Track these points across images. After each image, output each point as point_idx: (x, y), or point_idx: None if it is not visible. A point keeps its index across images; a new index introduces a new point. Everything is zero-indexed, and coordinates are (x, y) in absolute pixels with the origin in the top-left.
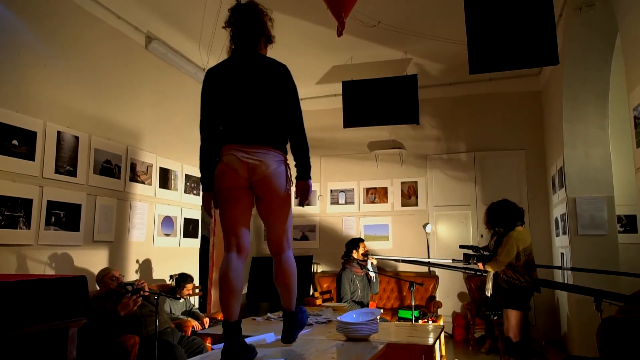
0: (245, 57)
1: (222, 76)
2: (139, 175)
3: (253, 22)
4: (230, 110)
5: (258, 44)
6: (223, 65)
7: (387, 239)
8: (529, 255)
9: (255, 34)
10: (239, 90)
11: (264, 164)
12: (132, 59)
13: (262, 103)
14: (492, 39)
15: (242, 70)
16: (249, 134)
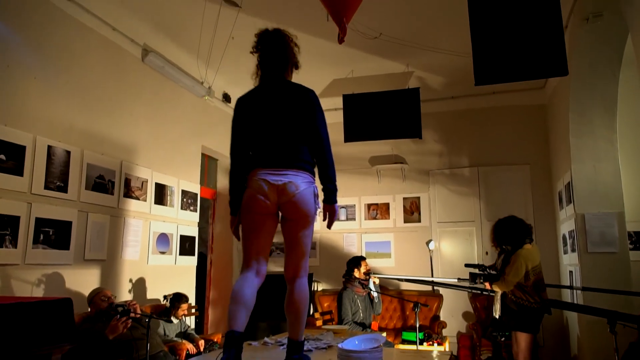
0: (273, 84)
1: (251, 104)
2: (134, 191)
3: (281, 50)
4: (260, 136)
5: (286, 70)
6: (252, 93)
7: (389, 257)
8: (538, 274)
9: (283, 61)
10: (267, 116)
11: (293, 185)
12: (127, 72)
13: (290, 128)
14: (498, 50)
15: (271, 97)
16: (278, 158)
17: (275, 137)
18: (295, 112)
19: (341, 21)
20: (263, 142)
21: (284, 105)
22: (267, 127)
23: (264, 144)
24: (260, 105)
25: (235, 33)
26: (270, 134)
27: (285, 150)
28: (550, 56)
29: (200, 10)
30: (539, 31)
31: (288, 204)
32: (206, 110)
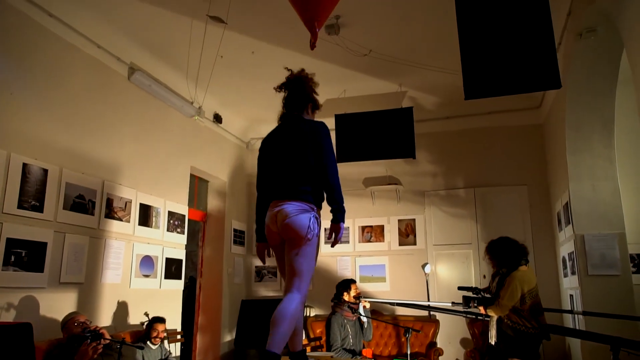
0: (289, 122)
1: (269, 143)
2: (116, 211)
3: (298, 92)
4: (271, 172)
5: (302, 110)
6: (272, 132)
7: (384, 281)
8: (535, 297)
9: (300, 101)
10: (277, 154)
11: (284, 211)
12: (113, 90)
13: (294, 162)
14: (488, 63)
15: (283, 136)
16: (279, 191)
17: (280, 172)
18: (301, 145)
19: (313, 26)
20: (273, 178)
21: (292, 141)
22: (276, 164)
23: (272, 178)
24: (275, 144)
25: (223, 51)
26: (277, 170)
27: (285, 183)
28: (542, 69)
29: (187, 28)
30: (530, 43)
31: (282, 228)
32: (196, 131)
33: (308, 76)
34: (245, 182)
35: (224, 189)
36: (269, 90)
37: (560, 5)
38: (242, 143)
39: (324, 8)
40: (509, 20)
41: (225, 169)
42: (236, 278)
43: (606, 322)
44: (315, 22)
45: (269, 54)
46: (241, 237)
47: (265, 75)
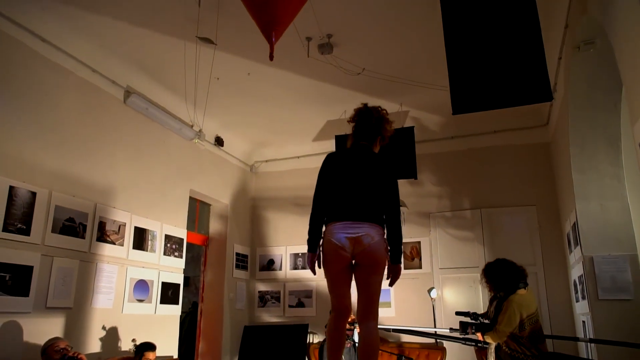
0: (362, 151)
1: (339, 162)
2: (109, 234)
3: (375, 126)
4: (343, 192)
5: (374, 142)
6: (342, 153)
7: (389, 306)
8: (535, 323)
9: (374, 135)
10: (352, 177)
11: (368, 236)
12: (108, 113)
13: (370, 190)
14: (477, 76)
15: (358, 161)
16: (357, 213)
17: (357, 195)
18: (375, 178)
19: (270, 36)
20: (346, 198)
21: (368, 171)
22: (351, 186)
23: (346, 199)
24: (348, 166)
25: (219, 73)
26: (353, 193)
27: (363, 207)
28: (533, 81)
29: (180, 50)
30: (520, 55)
31: (362, 253)
32: (196, 154)
33: (381, 110)
34: (249, 205)
35: (226, 213)
36: (269, 113)
37: (559, 18)
38: (245, 166)
39: (281, 17)
40: (498, 33)
41: (227, 192)
42: (238, 303)
43: (620, 350)
44: (272, 30)
45: (265, 74)
46: (244, 261)
47: (263, 97)
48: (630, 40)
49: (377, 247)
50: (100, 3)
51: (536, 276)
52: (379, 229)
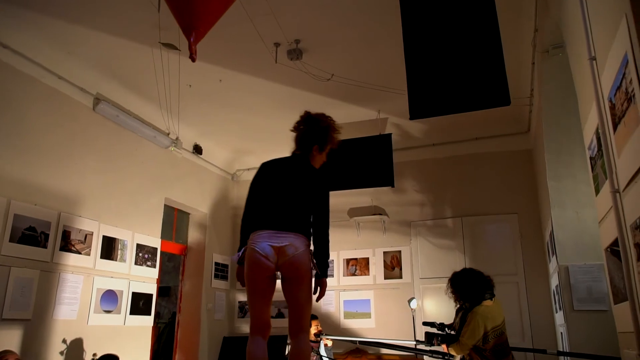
0: (298, 160)
1: (272, 170)
2: (74, 244)
3: (319, 134)
4: (271, 201)
5: (319, 150)
6: (277, 161)
7: (369, 317)
8: (499, 336)
9: (317, 142)
10: (282, 186)
11: (292, 246)
12: (75, 121)
13: (298, 200)
14: (435, 81)
15: (290, 171)
16: (283, 222)
17: (285, 204)
18: (307, 189)
19: (189, 35)
20: (273, 206)
21: (300, 181)
22: (280, 195)
23: (273, 208)
24: (280, 175)
25: (191, 80)
26: (282, 202)
27: (290, 216)
28: (491, 85)
29: (148, 57)
30: (478, 60)
31: (287, 264)
32: (172, 162)
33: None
34: (230, 214)
35: (205, 222)
36: (248, 121)
37: (530, 21)
38: (226, 174)
39: (203, 17)
40: (457, 38)
41: (206, 201)
42: (217, 314)
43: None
44: (193, 30)
45: (237, 81)
46: (223, 271)
47: (239, 104)
48: (576, 43)
49: (301, 258)
50: (65, 10)
51: (517, 286)
52: (305, 239)
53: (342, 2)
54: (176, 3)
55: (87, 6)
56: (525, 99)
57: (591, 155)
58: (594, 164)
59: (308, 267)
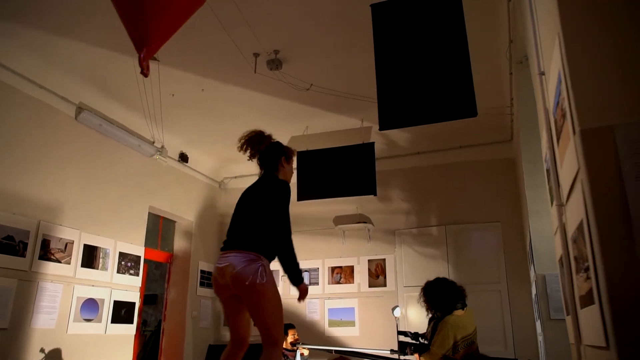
0: (259, 180)
1: (243, 195)
2: (54, 253)
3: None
4: (231, 223)
5: (276, 166)
6: (250, 186)
7: (353, 325)
8: (469, 346)
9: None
10: (239, 207)
11: (231, 265)
12: (57, 130)
13: (248, 218)
14: (404, 93)
15: (249, 192)
16: (229, 242)
17: (235, 225)
18: (261, 201)
19: (141, 52)
20: (229, 228)
21: (254, 199)
22: (235, 216)
23: (229, 230)
24: (242, 197)
25: (174, 90)
26: (234, 222)
27: (236, 235)
28: (458, 97)
29: (131, 66)
30: (447, 72)
31: (231, 283)
32: (157, 170)
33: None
34: (216, 221)
35: (191, 230)
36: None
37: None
38: (213, 182)
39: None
40: (427, 50)
41: (192, 209)
42: (203, 322)
43: None
44: (144, 46)
45: (220, 91)
46: (209, 278)
47: (223, 114)
48: (532, 57)
49: (241, 275)
50: (47, 21)
51: (500, 294)
52: (247, 255)
53: (320, 12)
54: (128, 18)
55: (69, 17)
56: (506, 107)
57: (547, 168)
58: (549, 176)
59: (250, 281)
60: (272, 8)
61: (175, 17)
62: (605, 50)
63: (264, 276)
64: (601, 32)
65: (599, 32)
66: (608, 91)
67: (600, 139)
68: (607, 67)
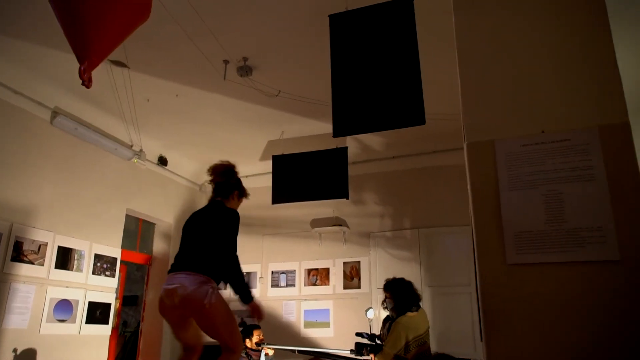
0: (211, 206)
1: (192, 218)
2: (27, 254)
3: (230, 181)
4: (180, 245)
5: (226, 198)
6: (197, 211)
7: (327, 326)
8: (421, 345)
9: (229, 190)
10: (189, 231)
11: (182, 287)
12: (32, 134)
13: (199, 241)
14: (357, 100)
15: (200, 216)
16: (179, 264)
17: (185, 247)
18: (210, 229)
19: (82, 65)
20: (179, 250)
21: (205, 223)
22: (185, 239)
23: (178, 252)
24: (192, 221)
25: (149, 95)
26: (184, 245)
27: (186, 257)
28: (408, 105)
29: (105, 72)
30: (398, 81)
31: (180, 304)
32: (135, 173)
33: (235, 168)
34: None
35: (170, 232)
36: (212, 134)
37: None
38: (194, 185)
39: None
40: (380, 59)
41: (171, 212)
42: None
43: None
44: (85, 60)
45: (195, 96)
46: None
47: (199, 118)
48: None
49: (192, 296)
50: (18, 26)
51: (470, 297)
52: (197, 277)
53: (286, 19)
54: (69, 30)
55: (41, 23)
56: None
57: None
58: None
59: (200, 302)
60: (236, 17)
61: (117, 30)
62: (492, 72)
63: (213, 297)
64: (488, 60)
65: (486, 60)
66: (492, 109)
67: (482, 152)
68: (491, 90)
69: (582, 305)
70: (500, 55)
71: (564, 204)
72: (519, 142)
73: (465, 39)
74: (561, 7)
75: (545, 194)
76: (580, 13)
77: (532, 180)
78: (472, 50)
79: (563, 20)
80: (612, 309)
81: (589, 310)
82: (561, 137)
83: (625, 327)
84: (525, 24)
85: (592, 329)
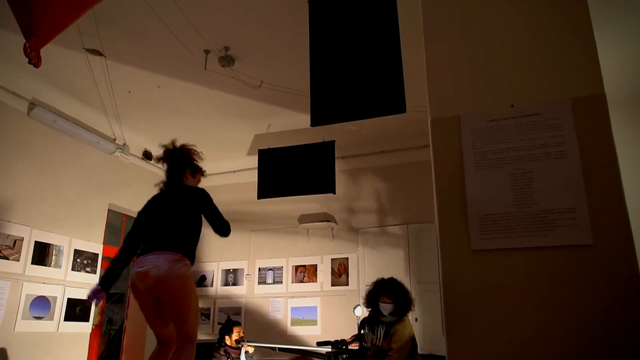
0: (171, 189)
1: (151, 203)
2: (1, 249)
3: (179, 162)
4: (147, 229)
5: (181, 177)
6: (157, 194)
7: (315, 324)
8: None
9: (179, 171)
10: (156, 213)
11: (155, 267)
12: (7, 127)
13: (169, 219)
14: (336, 89)
15: (164, 199)
16: (150, 245)
17: (155, 228)
18: (181, 206)
19: (29, 39)
20: (147, 234)
21: (173, 203)
22: (153, 222)
23: (147, 235)
24: (156, 204)
25: (130, 87)
26: (153, 227)
27: (157, 237)
28: (388, 94)
29: (84, 62)
30: (378, 69)
31: (153, 286)
32: (117, 167)
33: (186, 147)
34: None
35: None
36: (197, 128)
37: None
38: None
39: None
40: (360, 47)
41: None
42: None
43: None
44: (32, 37)
45: (177, 88)
46: None
47: (182, 111)
48: None
49: (167, 276)
50: None
51: None
52: (171, 255)
53: (267, 8)
54: (14, 5)
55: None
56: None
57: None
58: None
59: (176, 283)
60: (216, 5)
61: (67, 7)
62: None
63: (188, 274)
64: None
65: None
66: (458, 83)
67: (447, 128)
68: (458, 63)
69: (551, 294)
70: (468, 25)
71: (533, 183)
72: (486, 117)
73: (431, 10)
74: None
75: (513, 173)
76: None
77: (499, 158)
78: (438, 21)
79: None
80: (584, 297)
81: (559, 300)
82: (531, 112)
83: (596, 317)
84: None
85: (562, 319)
